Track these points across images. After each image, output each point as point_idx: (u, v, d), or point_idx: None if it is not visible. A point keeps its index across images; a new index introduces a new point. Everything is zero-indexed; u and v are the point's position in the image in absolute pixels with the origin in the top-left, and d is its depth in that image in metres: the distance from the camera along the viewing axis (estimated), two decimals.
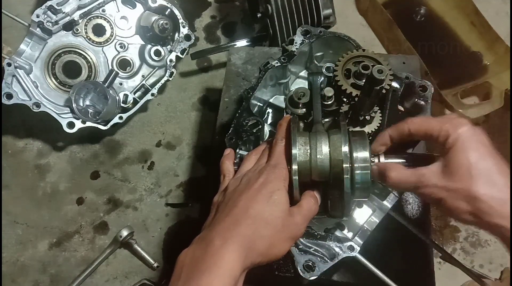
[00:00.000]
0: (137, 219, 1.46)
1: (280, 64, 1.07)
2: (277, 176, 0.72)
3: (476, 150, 0.65)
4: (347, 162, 0.71)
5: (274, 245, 0.69)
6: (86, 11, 1.43)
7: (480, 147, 0.66)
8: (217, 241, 0.65)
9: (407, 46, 1.56)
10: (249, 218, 0.68)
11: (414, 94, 1.00)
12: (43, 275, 1.38)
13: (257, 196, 0.70)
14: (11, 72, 1.35)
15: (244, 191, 0.72)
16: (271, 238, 0.69)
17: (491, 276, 1.36)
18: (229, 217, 0.69)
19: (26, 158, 1.56)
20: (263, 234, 0.68)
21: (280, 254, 0.71)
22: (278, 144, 0.78)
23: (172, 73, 1.50)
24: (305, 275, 0.83)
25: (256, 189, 0.71)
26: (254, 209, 0.69)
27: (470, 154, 0.65)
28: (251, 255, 0.66)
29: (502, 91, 1.51)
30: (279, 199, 0.70)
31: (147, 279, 1.35)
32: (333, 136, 0.75)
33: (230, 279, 0.61)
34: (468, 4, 1.69)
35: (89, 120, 1.41)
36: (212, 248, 0.64)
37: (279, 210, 0.70)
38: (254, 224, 0.67)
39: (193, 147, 1.57)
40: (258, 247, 0.67)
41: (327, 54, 1.15)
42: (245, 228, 0.67)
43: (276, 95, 1.16)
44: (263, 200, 0.70)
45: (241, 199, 0.71)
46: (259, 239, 0.67)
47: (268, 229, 0.68)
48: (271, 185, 0.71)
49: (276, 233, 0.69)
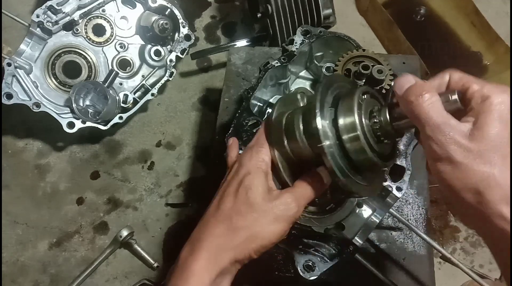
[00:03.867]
0: (137, 219, 1.46)
1: (280, 64, 1.07)
2: (250, 156, 0.66)
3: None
4: (326, 138, 0.58)
5: (258, 232, 0.63)
6: (86, 11, 1.43)
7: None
8: (184, 252, 0.63)
9: (407, 46, 1.57)
10: (219, 215, 0.63)
11: None
12: (43, 275, 1.38)
13: (227, 189, 0.65)
14: (11, 72, 1.35)
15: (220, 190, 0.67)
16: (251, 227, 0.63)
17: (491, 276, 1.36)
18: (201, 221, 0.66)
19: (26, 158, 1.56)
20: (238, 226, 0.62)
21: (274, 238, 0.64)
22: (261, 126, 0.71)
23: (172, 73, 1.50)
24: (305, 275, 0.83)
25: (228, 181, 0.66)
26: (224, 204, 0.64)
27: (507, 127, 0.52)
28: (224, 253, 0.61)
29: None
30: (249, 183, 0.63)
31: (147, 279, 1.35)
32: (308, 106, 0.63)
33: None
34: (468, 4, 1.69)
35: (89, 120, 1.41)
36: (181, 260, 0.62)
37: (252, 195, 0.63)
38: (225, 221, 0.63)
39: (193, 147, 1.57)
40: (233, 242, 0.62)
41: (327, 54, 1.15)
42: (215, 229, 0.63)
43: (276, 95, 1.16)
44: (233, 191, 0.64)
45: (215, 199, 0.66)
46: (235, 233, 0.62)
47: (243, 219, 0.62)
48: (242, 171, 0.65)
49: (256, 220, 0.63)
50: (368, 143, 0.59)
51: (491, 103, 0.53)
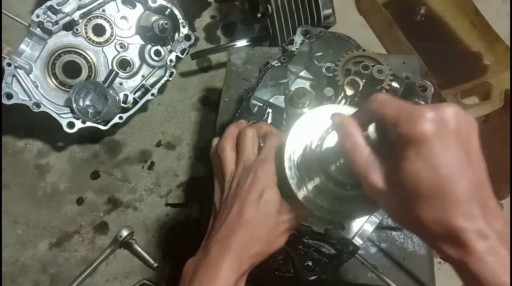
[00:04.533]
0: (137, 219, 1.46)
1: (280, 64, 1.07)
2: (266, 171, 0.71)
3: (453, 154, 0.46)
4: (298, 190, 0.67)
5: (271, 242, 0.70)
6: (86, 11, 1.43)
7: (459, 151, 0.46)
8: (214, 251, 0.67)
9: (407, 46, 1.56)
10: (243, 224, 0.68)
11: (414, 94, 1.00)
12: (43, 275, 1.38)
13: (248, 198, 0.70)
14: (11, 72, 1.35)
15: (236, 194, 0.72)
16: (267, 237, 0.69)
17: None
18: (225, 224, 0.70)
19: (26, 158, 1.56)
20: (258, 235, 0.69)
21: (278, 248, 0.72)
22: (269, 136, 0.76)
23: (172, 73, 1.50)
24: (305, 275, 0.83)
25: (246, 190, 0.71)
26: (247, 213, 0.69)
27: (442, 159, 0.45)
28: (248, 259, 0.67)
29: (502, 91, 1.51)
30: (270, 198, 0.70)
31: (147, 279, 1.35)
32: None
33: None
34: (468, 4, 1.69)
35: (89, 120, 1.41)
36: (210, 259, 0.66)
37: (271, 208, 0.69)
38: (248, 229, 0.68)
39: (193, 147, 1.57)
40: (255, 250, 0.68)
41: (327, 54, 1.15)
42: (240, 235, 0.68)
43: (276, 95, 1.16)
44: (255, 202, 0.69)
45: (234, 204, 0.71)
46: (255, 242, 0.68)
47: (263, 229, 0.69)
48: (260, 183, 0.70)
49: (271, 231, 0.70)
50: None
51: (407, 141, 0.47)
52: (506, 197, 1.46)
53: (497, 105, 1.49)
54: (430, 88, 1.01)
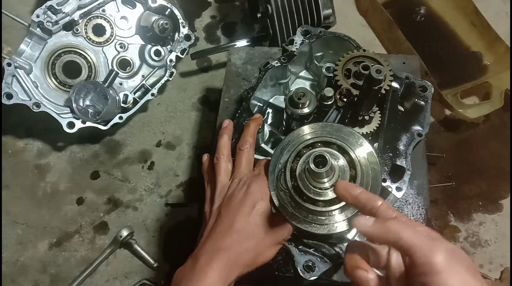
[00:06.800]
0: (137, 219, 1.46)
1: (280, 64, 1.07)
2: (259, 184, 0.74)
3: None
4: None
5: (260, 253, 0.72)
6: (86, 11, 1.43)
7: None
8: (203, 260, 0.67)
9: (407, 46, 1.56)
10: (234, 233, 0.70)
11: (414, 94, 1.00)
12: (43, 275, 1.38)
13: (240, 208, 0.72)
14: (11, 72, 1.35)
15: (228, 204, 0.74)
16: (256, 248, 0.71)
17: (491, 276, 1.36)
18: (216, 233, 0.71)
19: (26, 158, 1.56)
20: (248, 246, 0.70)
21: (267, 260, 0.74)
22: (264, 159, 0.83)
23: (172, 73, 1.50)
24: (305, 275, 0.83)
25: (239, 201, 0.73)
26: (239, 222, 0.70)
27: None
28: (236, 269, 0.69)
29: (502, 91, 1.51)
30: (261, 209, 0.72)
31: (147, 279, 1.35)
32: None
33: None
34: (468, 4, 1.69)
35: (89, 120, 1.41)
36: (198, 266, 0.67)
37: (262, 219, 0.72)
38: (239, 238, 0.70)
39: (193, 147, 1.57)
40: (244, 260, 0.69)
41: (327, 54, 1.15)
42: (230, 244, 0.69)
43: (276, 95, 1.16)
44: (247, 212, 0.71)
45: (227, 213, 0.73)
46: (245, 252, 0.70)
47: (253, 240, 0.71)
48: (253, 196, 0.73)
49: (260, 242, 0.72)
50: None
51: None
52: (506, 197, 1.46)
53: (497, 105, 1.49)
54: (430, 88, 1.01)
